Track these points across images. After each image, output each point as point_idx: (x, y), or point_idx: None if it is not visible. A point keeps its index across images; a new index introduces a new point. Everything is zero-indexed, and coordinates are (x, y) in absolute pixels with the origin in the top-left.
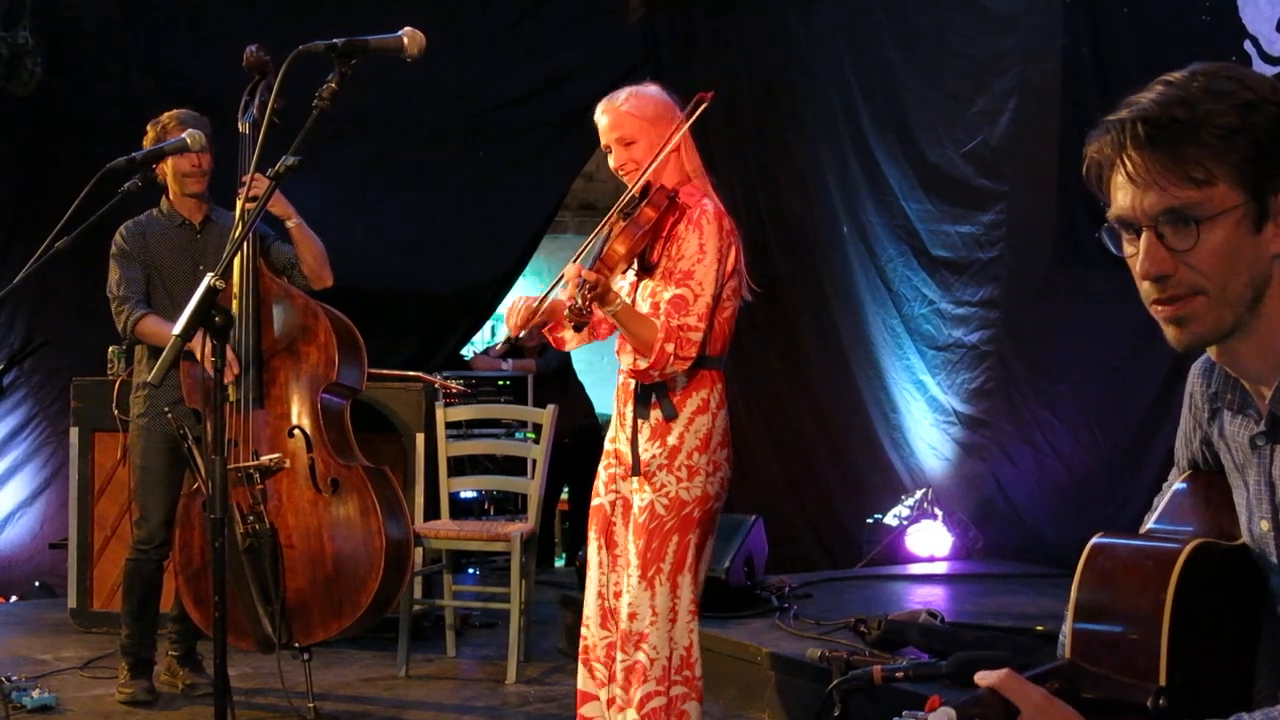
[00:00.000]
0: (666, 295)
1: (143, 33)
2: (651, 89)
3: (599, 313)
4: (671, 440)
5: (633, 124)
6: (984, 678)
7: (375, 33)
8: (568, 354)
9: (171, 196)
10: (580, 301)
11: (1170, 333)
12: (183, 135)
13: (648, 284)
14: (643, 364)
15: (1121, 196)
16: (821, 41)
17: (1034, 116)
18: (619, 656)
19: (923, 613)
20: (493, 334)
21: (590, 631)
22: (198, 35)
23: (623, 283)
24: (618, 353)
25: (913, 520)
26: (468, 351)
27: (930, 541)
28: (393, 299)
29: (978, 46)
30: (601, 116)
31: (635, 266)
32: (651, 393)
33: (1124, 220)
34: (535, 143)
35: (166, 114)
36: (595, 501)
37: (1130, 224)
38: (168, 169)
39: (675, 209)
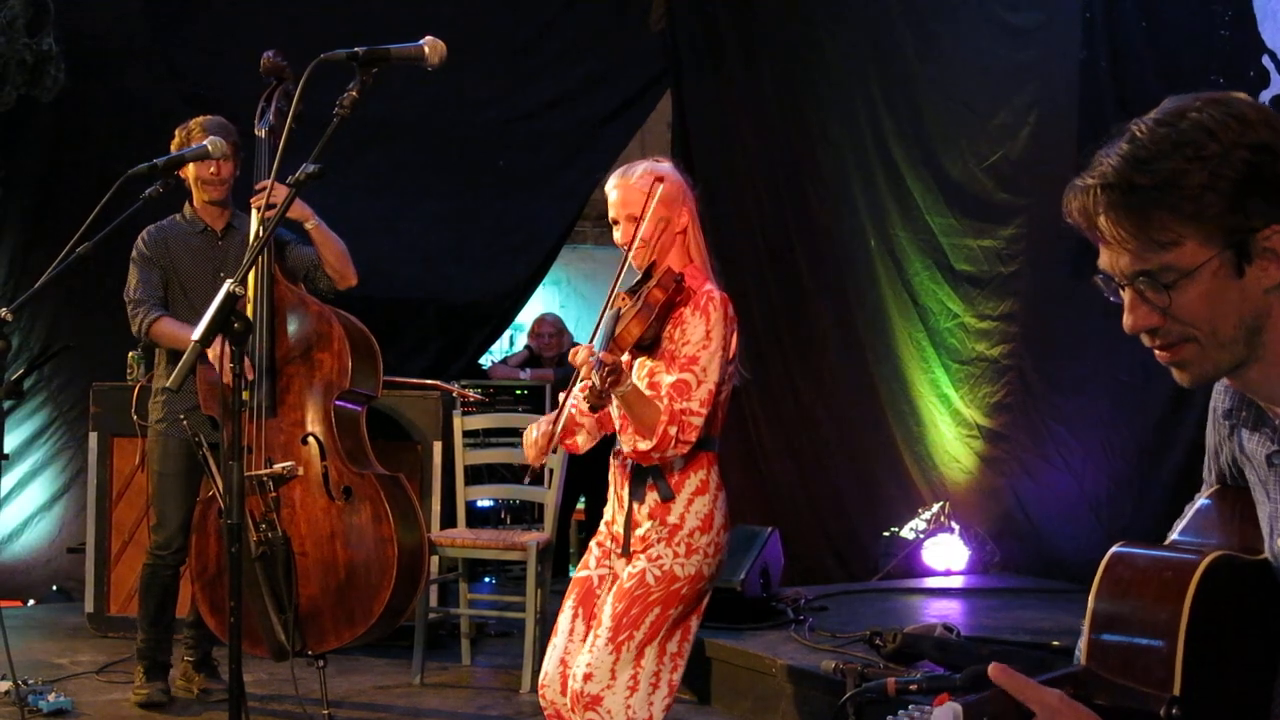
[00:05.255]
0: (669, 379)
1: (165, 39)
2: (665, 166)
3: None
4: (672, 519)
5: (644, 202)
6: (999, 674)
7: (397, 42)
8: None
9: (194, 203)
10: (598, 384)
11: (1174, 374)
12: (204, 142)
13: (645, 362)
14: (644, 445)
15: (1101, 253)
16: (847, 55)
17: (1053, 131)
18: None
19: (938, 626)
20: (511, 343)
21: (546, 702)
22: (220, 42)
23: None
24: (619, 433)
25: (929, 534)
26: (486, 360)
27: (947, 555)
28: (412, 307)
29: (998, 61)
30: (613, 190)
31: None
32: (648, 475)
33: (1106, 275)
34: (555, 153)
35: (195, 120)
36: (582, 573)
37: (1112, 279)
38: (189, 175)
39: (681, 292)
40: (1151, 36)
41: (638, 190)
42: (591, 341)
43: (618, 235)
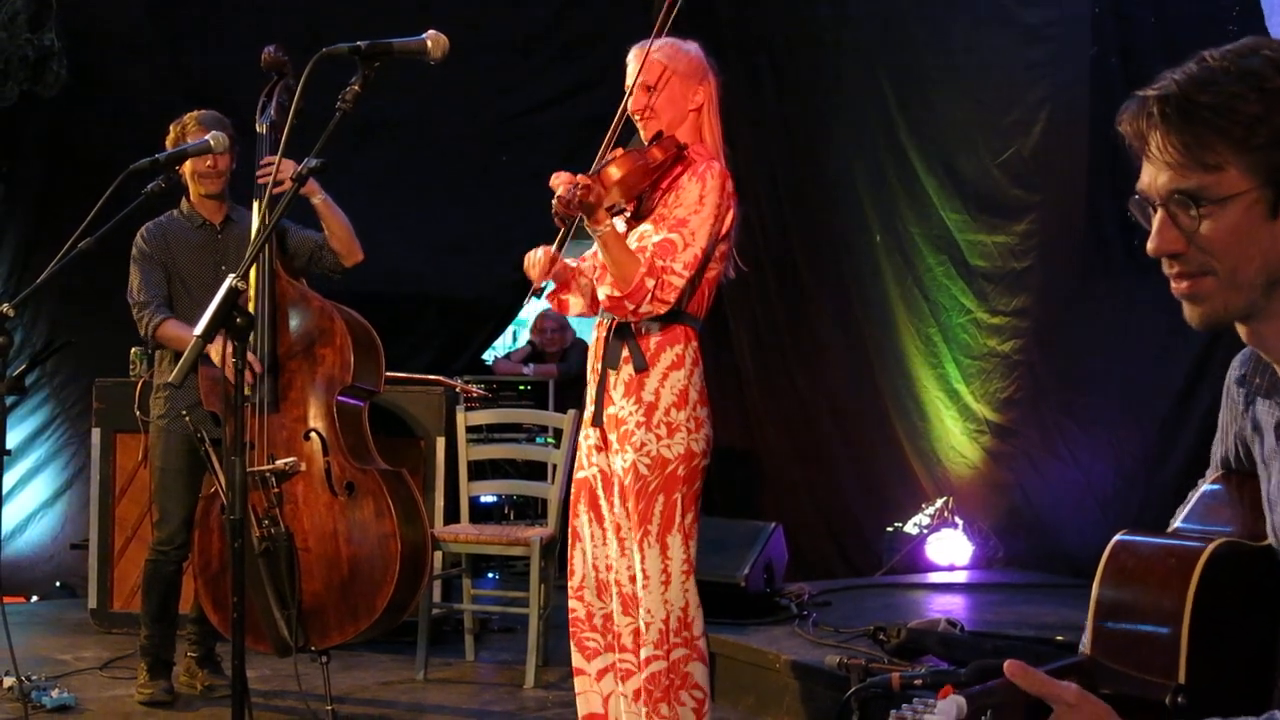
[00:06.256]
0: (656, 238)
1: (167, 35)
2: (690, 45)
3: (588, 228)
4: (647, 396)
5: (660, 72)
6: (1015, 670)
7: (400, 36)
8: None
9: (192, 197)
10: (570, 196)
11: (1185, 310)
12: (206, 137)
13: (638, 229)
14: (617, 292)
15: (1144, 172)
16: (855, 51)
17: (1064, 127)
18: (622, 621)
19: (942, 621)
20: (514, 339)
21: (583, 604)
22: (221, 38)
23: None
24: (598, 282)
25: (933, 529)
26: (489, 356)
27: (950, 550)
28: (416, 303)
29: (1009, 58)
30: (633, 60)
31: (629, 213)
32: (623, 342)
33: (1143, 195)
34: (559, 148)
35: (189, 114)
36: (579, 474)
37: (1148, 200)
38: (186, 170)
39: (682, 160)
40: (1161, 31)
41: (654, 60)
42: None
43: (629, 104)
